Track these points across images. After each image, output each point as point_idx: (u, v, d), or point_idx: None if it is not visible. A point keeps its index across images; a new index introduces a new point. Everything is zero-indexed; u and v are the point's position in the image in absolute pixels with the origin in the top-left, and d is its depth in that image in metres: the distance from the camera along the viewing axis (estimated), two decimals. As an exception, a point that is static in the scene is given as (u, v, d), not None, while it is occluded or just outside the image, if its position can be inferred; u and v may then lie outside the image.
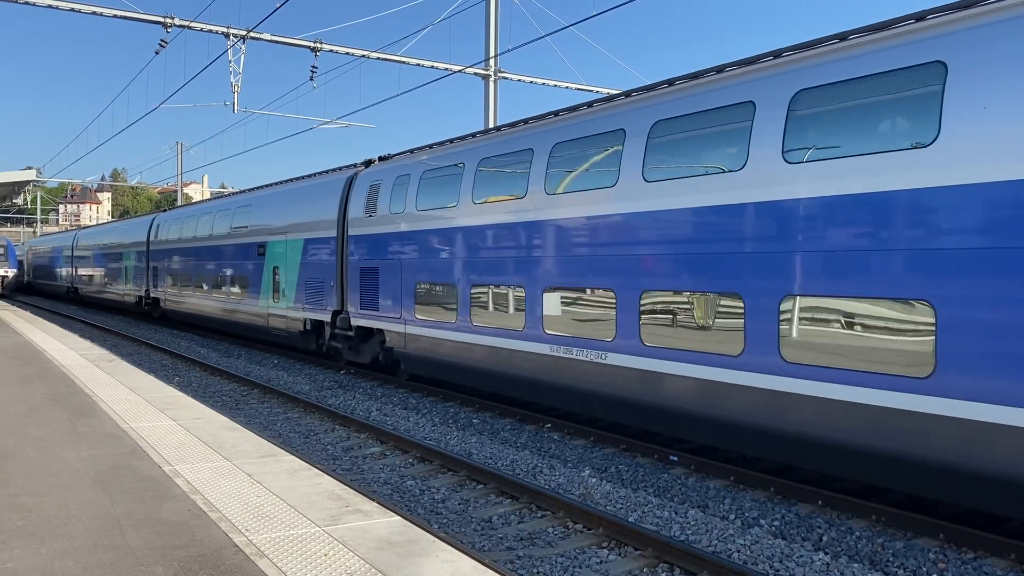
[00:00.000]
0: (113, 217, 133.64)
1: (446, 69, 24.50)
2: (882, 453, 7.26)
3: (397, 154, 16.44)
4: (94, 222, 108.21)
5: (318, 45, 22.61)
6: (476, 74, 23.78)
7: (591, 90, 26.68)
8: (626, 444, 10.65)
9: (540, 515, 8.13)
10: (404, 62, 23.83)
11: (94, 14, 20.55)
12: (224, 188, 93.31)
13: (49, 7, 19.81)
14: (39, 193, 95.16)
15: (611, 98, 11.15)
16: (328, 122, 30.92)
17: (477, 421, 12.65)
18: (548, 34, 18.36)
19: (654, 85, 10.40)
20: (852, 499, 8.05)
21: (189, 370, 18.59)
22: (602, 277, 10.27)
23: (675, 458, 9.94)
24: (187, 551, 4.62)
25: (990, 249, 6.52)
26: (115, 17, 20.81)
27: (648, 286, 9.59)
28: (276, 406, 14.07)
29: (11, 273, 48.88)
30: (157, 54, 21.55)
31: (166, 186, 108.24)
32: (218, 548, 4.68)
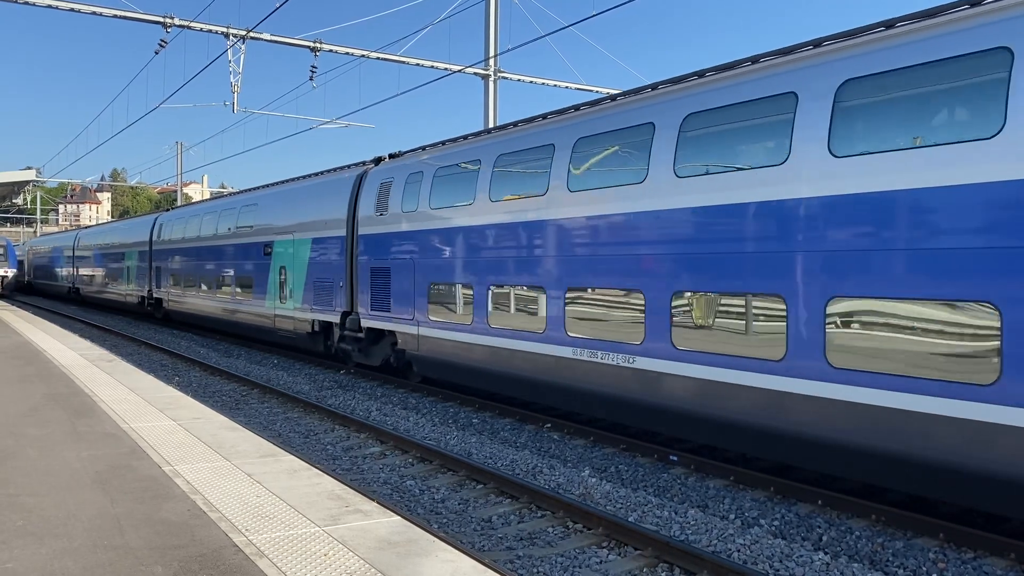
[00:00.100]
0: (113, 217, 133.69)
1: (446, 69, 24.52)
2: (937, 464, 6.85)
3: (408, 151, 16.00)
4: (94, 222, 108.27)
5: (318, 45, 22.61)
6: (476, 74, 23.79)
7: (591, 90, 26.69)
8: (626, 444, 10.65)
9: (540, 515, 8.14)
10: (404, 62, 23.83)
11: (94, 14, 20.56)
12: (224, 188, 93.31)
13: (49, 7, 19.82)
14: (39, 193, 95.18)
15: (637, 91, 10.67)
16: (328, 122, 30.95)
17: (477, 421, 12.65)
18: (548, 34, 18.37)
19: (683, 77, 9.94)
20: (852, 499, 8.05)
21: (189, 370, 18.59)
22: (630, 278, 9.85)
23: (675, 458, 9.94)
24: (187, 551, 4.62)
25: None
26: (115, 17, 20.82)
27: (680, 287, 9.16)
28: (276, 406, 14.07)
29: (11, 273, 48.89)
30: (157, 54, 21.58)
31: (166, 186, 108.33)
32: (218, 548, 4.68)
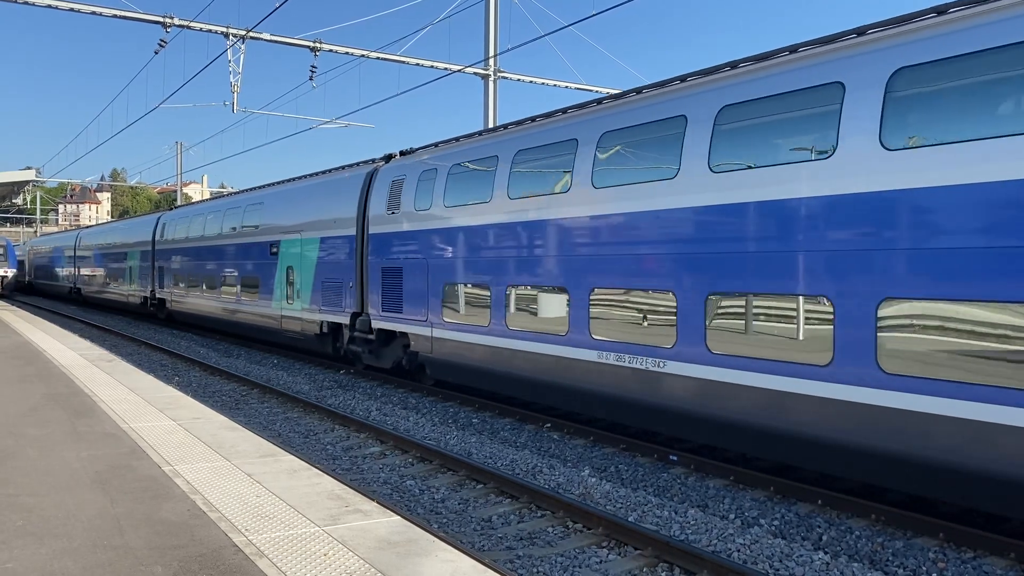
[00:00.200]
0: (112, 217, 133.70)
1: (446, 69, 24.52)
2: (1010, 479, 6.44)
3: (420, 148, 15.63)
4: (93, 222, 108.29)
5: (317, 45, 22.60)
6: (476, 74, 23.78)
7: (591, 90, 26.70)
8: (626, 444, 10.65)
9: (540, 515, 8.13)
10: (404, 62, 23.83)
11: (93, 14, 20.56)
12: (224, 188, 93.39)
13: (49, 7, 19.81)
14: (39, 193, 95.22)
15: (664, 83, 10.26)
16: (327, 122, 30.94)
17: (477, 421, 12.64)
18: (547, 34, 18.36)
19: (716, 68, 9.58)
20: (852, 498, 8.05)
21: (189, 370, 18.59)
22: (660, 278, 9.44)
23: (675, 458, 9.94)
24: (186, 551, 4.62)
25: None
26: (114, 17, 20.82)
27: (715, 288, 8.78)
28: (276, 406, 14.07)
29: (11, 273, 48.90)
30: (156, 54, 21.57)
31: (166, 186, 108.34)
32: (218, 548, 4.68)
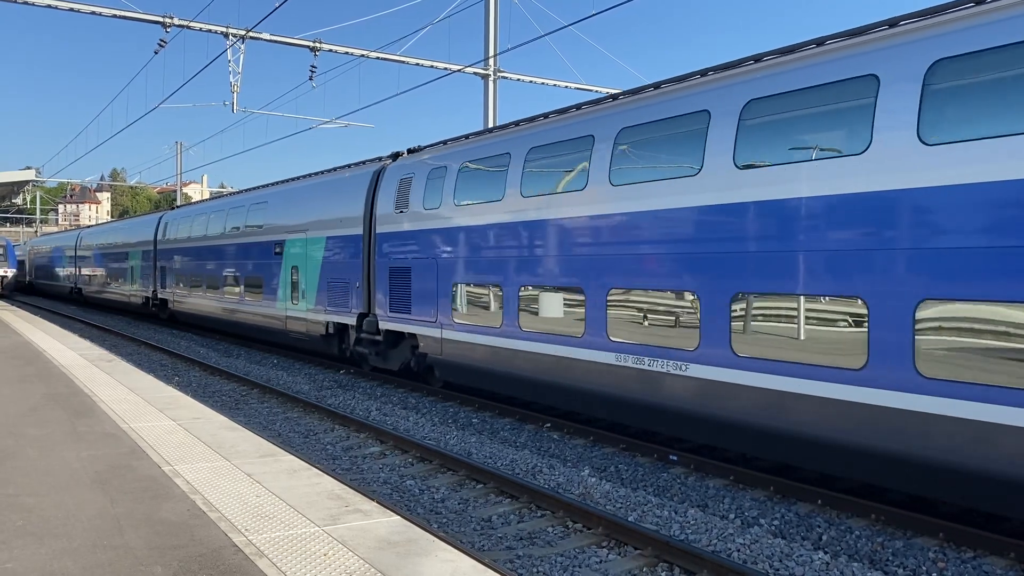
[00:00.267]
0: (112, 217, 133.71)
1: (445, 69, 24.52)
2: None
3: (428, 146, 15.38)
4: (93, 222, 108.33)
5: (317, 45, 22.61)
6: (476, 74, 23.79)
7: (591, 90, 26.72)
8: (625, 443, 10.65)
9: (540, 514, 8.13)
10: (403, 62, 23.83)
11: (93, 14, 20.57)
12: (224, 188, 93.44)
13: (48, 7, 19.82)
14: (38, 193, 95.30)
15: (684, 78, 9.94)
16: (327, 122, 30.98)
17: (476, 421, 12.65)
18: (547, 33, 18.38)
19: (740, 61, 9.30)
20: (852, 498, 8.05)
21: (188, 370, 18.59)
22: (682, 278, 9.15)
23: (675, 457, 9.94)
24: (186, 551, 4.62)
25: None
26: (114, 17, 20.83)
27: (742, 288, 8.45)
28: (276, 406, 14.07)
29: (11, 273, 48.91)
30: (156, 54, 21.60)
31: (165, 186, 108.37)
32: (217, 548, 4.68)
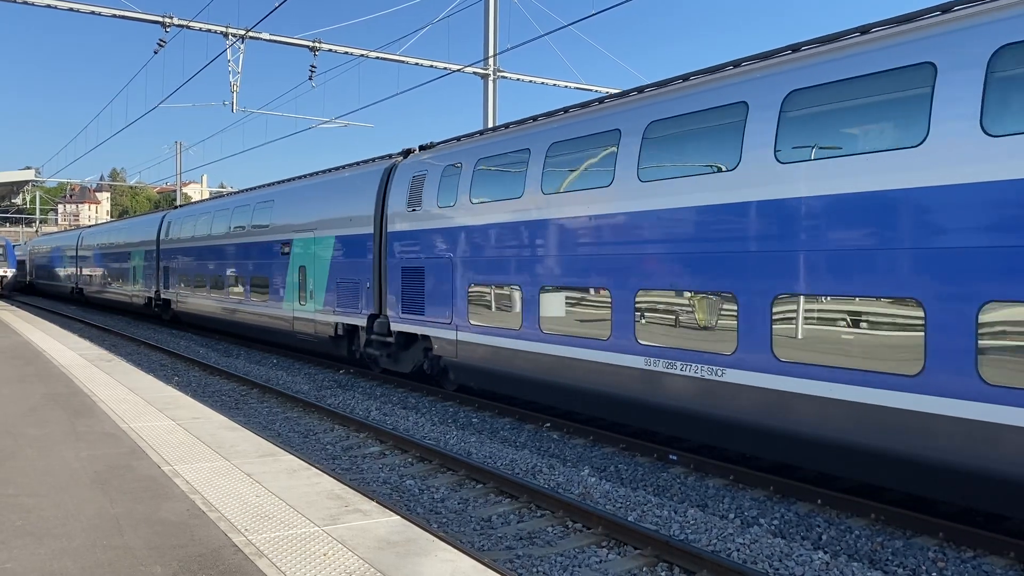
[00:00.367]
0: (112, 217, 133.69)
1: (445, 68, 24.52)
2: None
3: (441, 142, 15.07)
4: (93, 222, 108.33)
5: (317, 44, 22.60)
6: (475, 73, 23.79)
7: (591, 89, 26.72)
8: (625, 443, 10.65)
9: (539, 514, 8.13)
10: (403, 61, 23.83)
11: (92, 14, 20.56)
12: (223, 187, 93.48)
13: (48, 7, 19.82)
14: (38, 193, 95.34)
15: (716, 69, 9.56)
16: (327, 121, 30.99)
17: (476, 420, 12.65)
18: (547, 33, 18.38)
19: (778, 51, 8.87)
20: (851, 498, 8.05)
21: (188, 370, 18.59)
22: (719, 279, 8.73)
23: (674, 457, 9.94)
24: (186, 551, 4.62)
25: None
26: (114, 17, 20.83)
27: (784, 289, 8.01)
28: (275, 405, 14.07)
29: (10, 273, 48.91)
30: (156, 53, 21.59)
31: (165, 186, 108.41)
32: (217, 548, 4.68)
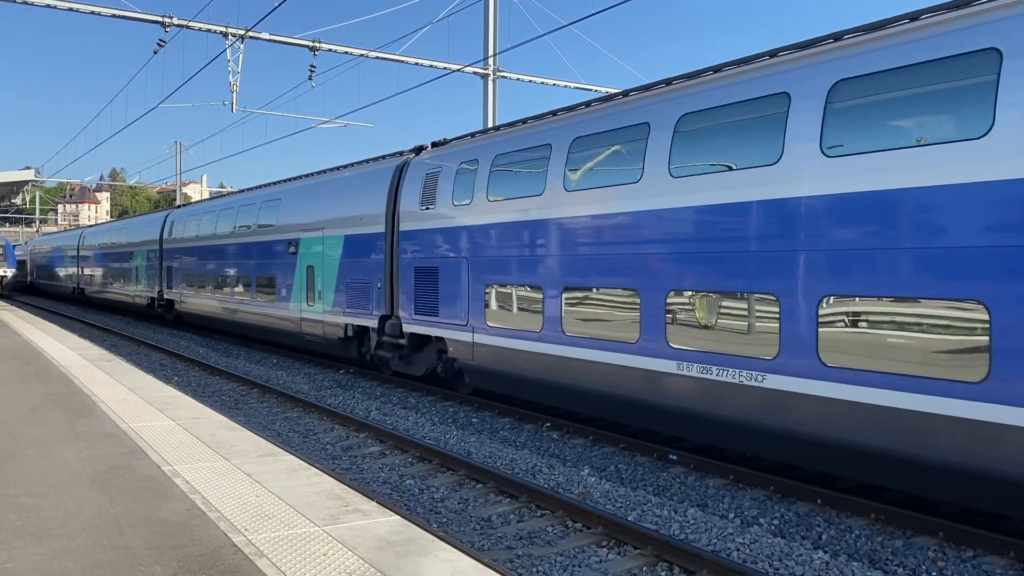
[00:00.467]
0: (112, 217, 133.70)
1: (445, 68, 24.51)
2: None
3: (455, 139, 14.71)
4: (93, 222, 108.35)
5: (316, 44, 22.59)
6: (475, 73, 23.79)
7: (590, 89, 26.70)
8: (625, 443, 10.65)
9: (539, 514, 8.13)
10: (403, 61, 23.82)
11: (92, 13, 20.55)
12: (223, 187, 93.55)
13: (48, 7, 19.81)
14: (38, 193, 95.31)
15: (750, 60, 9.15)
16: (327, 121, 30.97)
17: (476, 420, 12.65)
18: (547, 33, 18.35)
19: (821, 39, 8.41)
20: (851, 498, 8.05)
21: (188, 370, 18.59)
22: (759, 279, 8.29)
23: (674, 457, 9.94)
24: (186, 551, 4.62)
25: None
26: (113, 17, 20.82)
27: (831, 290, 7.61)
28: (275, 405, 14.07)
29: (10, 273, 48.92)
30: (156, 53, 21.57)
31: (165, 186, 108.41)
32: (217, 548, 4.68)
